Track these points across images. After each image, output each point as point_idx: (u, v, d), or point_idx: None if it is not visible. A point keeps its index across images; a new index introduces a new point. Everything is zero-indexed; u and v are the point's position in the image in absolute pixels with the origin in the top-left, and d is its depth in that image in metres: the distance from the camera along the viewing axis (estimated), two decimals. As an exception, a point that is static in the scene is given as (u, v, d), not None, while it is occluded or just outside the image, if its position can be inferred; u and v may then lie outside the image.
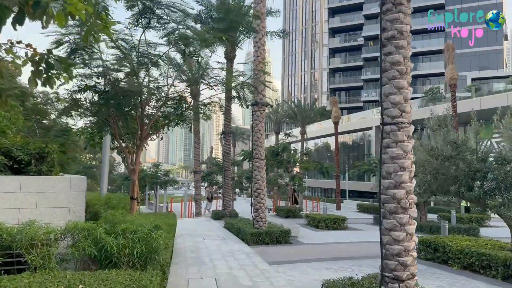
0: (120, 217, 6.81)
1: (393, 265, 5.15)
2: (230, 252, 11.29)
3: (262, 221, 13.64)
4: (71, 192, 6.54)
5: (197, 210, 27.62)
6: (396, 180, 5.21)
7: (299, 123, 38.37)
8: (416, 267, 5.28)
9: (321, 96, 79.08)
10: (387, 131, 5.27)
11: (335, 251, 11.97)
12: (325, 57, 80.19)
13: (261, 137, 14.05)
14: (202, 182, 41.73)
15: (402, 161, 5.19)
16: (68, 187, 6.54)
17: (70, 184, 6.57)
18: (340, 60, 75.03)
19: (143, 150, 15.61)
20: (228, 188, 22.06)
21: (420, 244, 11.05)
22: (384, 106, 5.32)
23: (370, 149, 49.48)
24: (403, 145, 5.20)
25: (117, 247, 5.17)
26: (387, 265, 5.22)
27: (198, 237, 14.28)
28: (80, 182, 6.73)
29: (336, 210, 30.60)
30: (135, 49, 8.36)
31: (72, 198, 6.54)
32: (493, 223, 20.38)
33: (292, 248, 12.35)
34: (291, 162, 24.43)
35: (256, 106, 14.01)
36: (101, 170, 13.30)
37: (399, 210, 5.16)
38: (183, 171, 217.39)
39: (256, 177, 13.98)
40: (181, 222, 19.87)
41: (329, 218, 17.79)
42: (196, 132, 29.50)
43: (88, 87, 8.00)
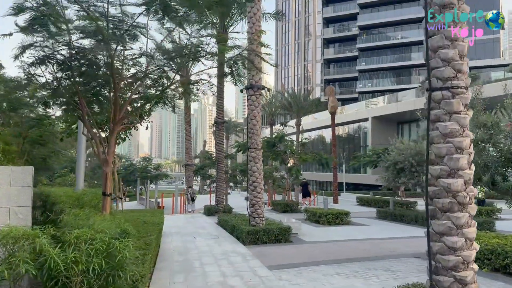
0: (84, 219, 5.36)
1: (447, 283, 3.74)
2: (224, 254, 9.87)
3: (259, 218, 12.23)
4: (12, 188, 5.03)
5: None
6: (451, 166, 3.79)
7: (294, 114, 36.90)
8: (478, 285, 3.88)
9: (315, 88, 77.66)
10: (437, 98, 3.85)
11: (343, 251, 10.61)
12: (319, 48, 78.76)
13: (257, 124, 12.59)
14: (195, 176, 40.28)
15: (458, 140, 3.77)
16: (8, 181, 5.02)
17: (10, 178, 5.05)
18: (334, 50, 73.57)
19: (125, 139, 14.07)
20: (222, 181, 20.61)
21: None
22: (432, 65, 3.90)
23: (366, 140, 48.28)
24: (460, 117, 3.78)
25: (65, 263, 3.71)
26: (439, 282, 3.80)
27: (188, 236, 12.85)
28: (25, 175, 5.16)
29: (333, 204, 29.30)
30: (105, 17, 6.84)
31: (14, 195, 5.02)
32: (504, 215, 19.18)
33: (294, 248, 10.96)
34: (288, 153, 23.00)
35: (251, 89, 12.53)
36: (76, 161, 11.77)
37: (455, 206, 3.75)
38: (176, 165, 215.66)
39: (252, 169, 12.54)
40: (171, 219, 18.42)
41: (331, 213, 16.44)
42: (187, 123, 27.97)
43: (47, 57, 6.47)
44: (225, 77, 12.50)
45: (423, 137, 16.90)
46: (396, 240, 12.62)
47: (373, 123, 46.07)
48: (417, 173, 15.49)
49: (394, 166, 16.29)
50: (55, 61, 6.60)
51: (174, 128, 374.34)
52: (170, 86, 7.04)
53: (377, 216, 19.25)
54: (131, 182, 54.74)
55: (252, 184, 12.50)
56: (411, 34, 62.41)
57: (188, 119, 27.75)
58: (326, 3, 74.60)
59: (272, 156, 23.79)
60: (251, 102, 12.59)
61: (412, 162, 15.52)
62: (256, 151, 12.51)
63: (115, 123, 7.09)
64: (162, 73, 6.81)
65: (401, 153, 16.07)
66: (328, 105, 36.11)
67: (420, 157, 15.63)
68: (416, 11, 61.80)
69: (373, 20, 65.19)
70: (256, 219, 12.19)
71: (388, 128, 46.98)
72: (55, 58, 6.57)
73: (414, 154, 15.69)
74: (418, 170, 15.48)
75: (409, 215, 17.01)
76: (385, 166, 16.95)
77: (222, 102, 19.88)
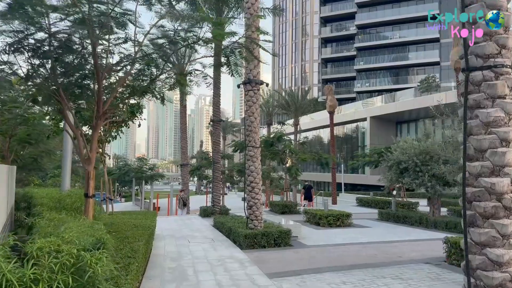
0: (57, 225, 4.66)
1: (491, 305, 3.06)
2: (220, 260, 9.17)
3: (257, 220, 11.54)
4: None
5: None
6: (495, 162, 3.11)
7: (292, 114, 36.25)
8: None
9: (312, 88, 77.11)
10: (477, 80, 3.18)
11: (346, 256, 9.94)
12: (316, 48, 78.30)
13: (255, 121, 11.89)
14: (191, 177, 39.49)
15: (504, 130, 3.09)
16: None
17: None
18: (332, 50, 73.03)
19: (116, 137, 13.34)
20: (218, 182, 19.89)
21: (450, 247, 9.06)
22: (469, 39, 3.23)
23: (364, 140, 47.68)
24: (505, 102, 3.11)
25: (22, 281, 3.01)
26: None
27: (182, 240, 12.14)
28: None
29: (332, 205, 28.64)
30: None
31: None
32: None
33: (295, 253, 10.27)
34: (287, 152, 22.28)
35: (249, 84, 11.85)
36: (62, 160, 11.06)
37: (500, 211, 3.07)
38: (173, 165, 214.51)
39: (250, 168, 11.84)
40: (165, 221, 17.71)
41: (332, 215, 15.77)
42: (183, 121, 27.24)
43: (18, 42, 5.76)
44: (221, 68, 11.73)
45: (427, 136, 16.25)
46: (401, 244, 11.96)
47: (372, 123, 45.48)
48: (421, 173, 14.84)
49: (397, 165, 15.64)
50: (28, 47, 5.89)
51: (171, 129, 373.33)
52: (159, 76, 6.34)
53: (379, 217, 18.61)
54: (127, 183, 53.94)
55: (250, 185, 11.81)
56: (409, 33, 61.93)
57: (184, 117, 27.01)
58: (324, 2, 74.09)
59: (270, 156, 23.09)
60: (249, 98, 11.90)
61: (417, 161, 14.87)
62: (254, 150, 11.82)
63: (99, 117, 6.38)
64: (150, 61, 6.10)
65: (404, 152, 15.42)
66: (327, 104, 35.48)
67: (424, 156, 14.99)
68: (414, 10, 61.35)
69: (371, 19, 64.68)
70: (254, 221, 11.50)
71: (387, 128, 46.40)
72: (28, 43, 5.86)
73: (418, 153, 15.04)
74: (423, 170, 14.83)
75: (412, 217, 16.37)
76: (388, 166, 16.29)
77: (219, 99, 19.16)
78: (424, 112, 40.82)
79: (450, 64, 26.93)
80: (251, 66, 11.66)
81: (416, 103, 40.08)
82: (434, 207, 15.98)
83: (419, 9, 60.82)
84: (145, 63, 6.08)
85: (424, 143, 15.24)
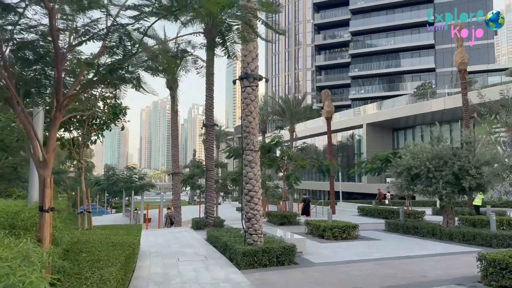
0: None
1: None
2: (214, 284, 7.68)
3: (257, 234, 10.06)
4: None
5: (177, 218, 23.77)
6: None
7: (287, 120, 34.96)
8: None
9: (306, 96, 76.19)
10: None
11: (362, 277, 8.50)
12: (309, 57, 77.55)
13: (254, 121, 10.49)
14: (183, 186, 37.80)
15: None
16: None
17: None
18: (326, 57, 72.25)
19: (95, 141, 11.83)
20: (211, 191, 18.37)
21: (486, 264, 7.67)
22: None
23: (360, 148, 46.54)
24: None
25: None
26: None
27: (171, 258, 10.60)
28: None
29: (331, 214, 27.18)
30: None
31: None
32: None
33: (301, 273, 8.81)
34: (285, 158, 20.86)
35: (246, 80, 10.48)
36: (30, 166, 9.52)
37: None
38: (166, 175, 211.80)
39: (248, 175, 10.39)
40: (153, 234, 16.16)
41: (337, 226, 14.34)
42: (174, 128, 25.72)
43: None
44: (216, 48, 10.31)
45: (438, 140, 14.98)
46: (420, 259, 10.56)
47: (368, 130, 44.35)
48: (435, 179, 13.51)
49: (407, 171, 14.31)
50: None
51: (164, 139, 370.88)
52: (137, 53, 4.94)
53: (386, 228, 17.20)
54: (116, 193, 52.03)
55: (248, 194, 10.35)
56: (404, 40, 61.33)
57: (175, 122, 25.51)
58: (317, 10, 73.51)
59: (267, 163, 21.62)
60: (246, 95, 10.52)
61: (429, 167, 13.56)
62: (253, 154, 10.39)
63: (58, 107, 4.95)
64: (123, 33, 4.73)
65: (415, 156, 14.11)
66: (324, 110, 34.28)
67: (438, 161, 13.69)
68: (409, 17, 60.88)
69: (366, 26, 64.08)
70: (253, 236, 10.03)
71: (383, 135, 45.35)
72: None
73: (430, 158, 13.74)
74: (436, 176, 13.51)
75: (424, 228, 14.97)
76: (397, 172, 14.94)
77: (212, 102, 17.75)
78: (421, 119, 39.86)
79: (454, 65, 25.87)
80: (248, 59, 10.31)
81: (413, 109, 39.13)
82: (448, 217, 14.63)
83: (413, 16, 60.41)
84: (118, 38, 4.71)
85: (437, 147, 13.97)
